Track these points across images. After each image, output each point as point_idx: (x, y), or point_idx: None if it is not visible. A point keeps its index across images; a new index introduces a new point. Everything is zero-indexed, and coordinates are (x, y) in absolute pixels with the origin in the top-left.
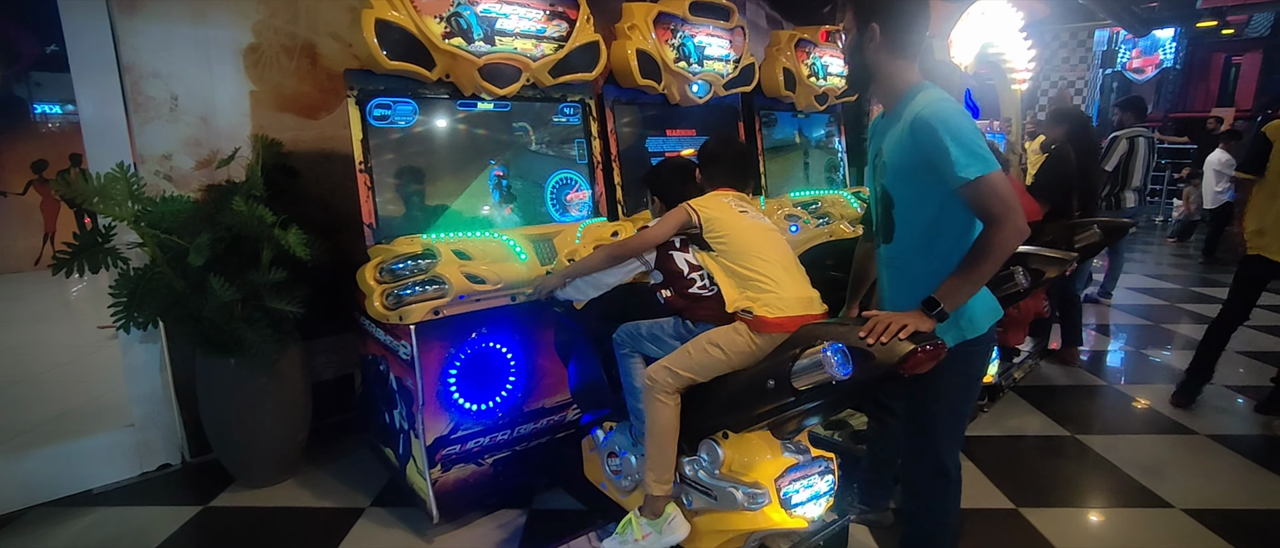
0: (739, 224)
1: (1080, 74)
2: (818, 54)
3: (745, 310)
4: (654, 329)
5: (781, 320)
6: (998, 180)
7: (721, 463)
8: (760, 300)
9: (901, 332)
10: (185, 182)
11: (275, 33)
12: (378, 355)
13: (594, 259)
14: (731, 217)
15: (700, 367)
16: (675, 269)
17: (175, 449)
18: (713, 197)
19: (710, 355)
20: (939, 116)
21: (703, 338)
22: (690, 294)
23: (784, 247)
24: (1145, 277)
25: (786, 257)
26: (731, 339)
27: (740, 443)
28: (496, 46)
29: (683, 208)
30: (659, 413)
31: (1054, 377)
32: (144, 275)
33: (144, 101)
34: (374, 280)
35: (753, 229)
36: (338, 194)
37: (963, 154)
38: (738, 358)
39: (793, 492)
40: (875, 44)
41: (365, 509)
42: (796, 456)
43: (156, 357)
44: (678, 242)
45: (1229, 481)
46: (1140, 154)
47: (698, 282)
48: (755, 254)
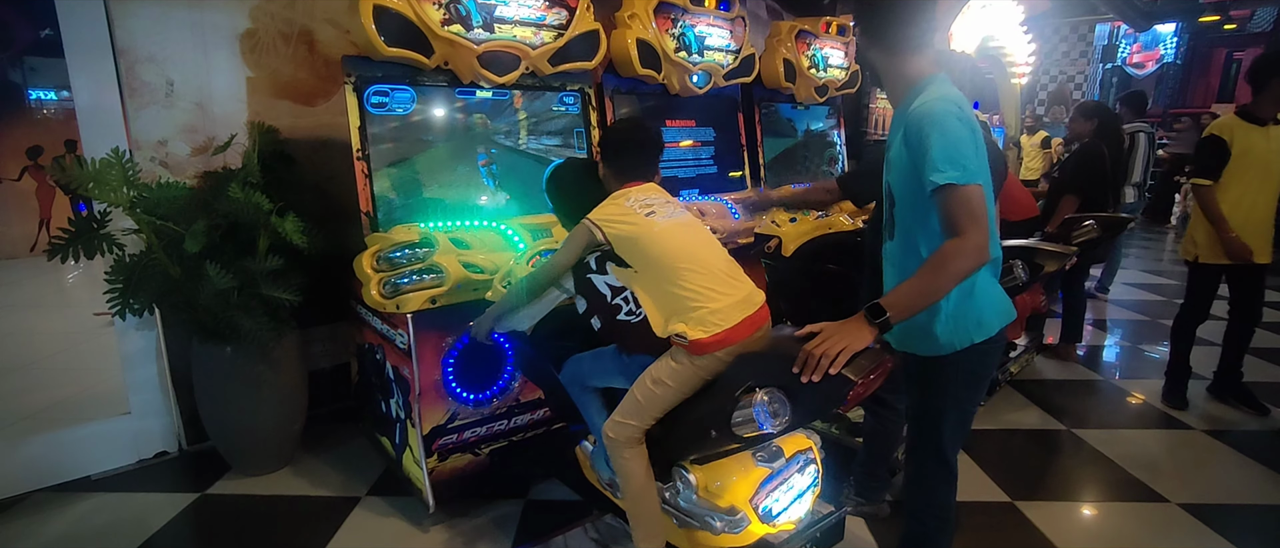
0: (650, 233)
1: (1080, 68)
2: (818, 46)
3: (679, 335)
4: (596, 362)
5: (718, 338)
6: (971, 194)
7: (695, 488)
8: (692, 320)
9: (838, 361)
10: (181, 168)
11: (272, 18)
12: (374, 344)
13: (513, 295)
14: (640, 226)
15: (650, 409)
16: (597, 295)
17: (172, 437)
18: (615, 202)
19: (656, 395)
20: (931, 115)
21: (645, 378)
22: (618, 322)
23: (707, 242)
24: (1143, 272)
25: (711, 254)
26: (673, 371)
27: (709, 467)
28: (495, 34)
29: (583, 226)
30: (628, 469)
31: (1050, 371)
32: (140, 262)
33: (139, 87)
34: (371, 269)
35: (667, 234)
36: (335, 182)
37: (942, 158)
38: (684, 387)
39: (772, 504)
40: (865, 43)
41: (361, 498)
42: (768, 465)
43: (152, 344)
44: (592, 263)
45: (1225, 476)
46: (1140, 150)
47: (623, 307)
48: (677, 264)
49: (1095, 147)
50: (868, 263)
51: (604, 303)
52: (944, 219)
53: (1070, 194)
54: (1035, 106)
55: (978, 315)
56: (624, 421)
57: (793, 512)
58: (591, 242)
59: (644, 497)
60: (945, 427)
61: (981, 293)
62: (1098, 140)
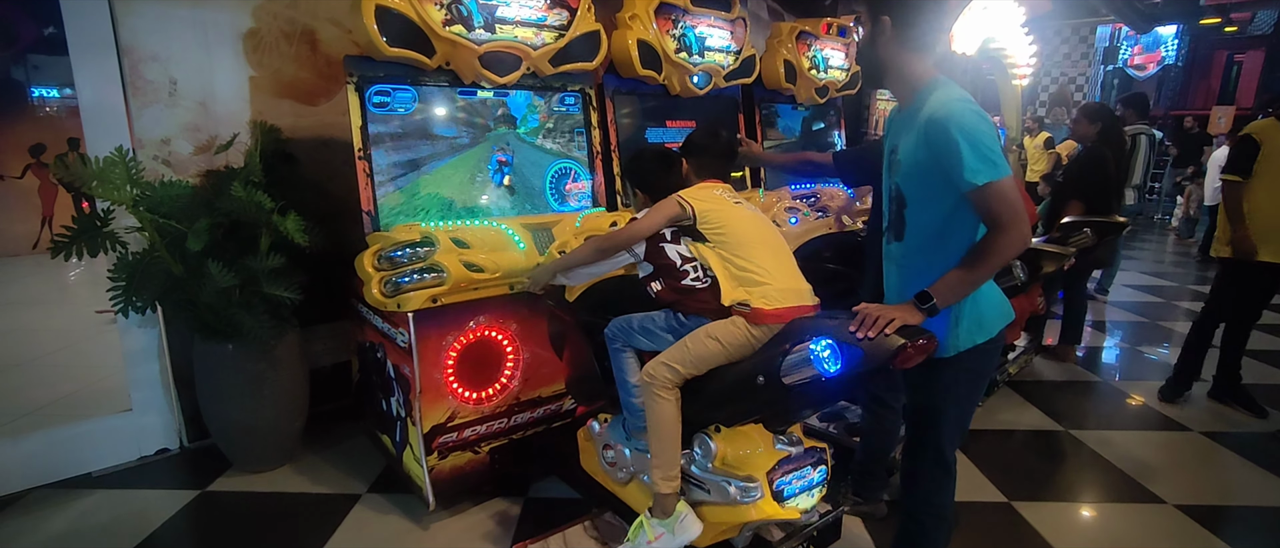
0: (734, 215)
1: (1081, 70)
2: (819, 47)
3: (742, 303)
4: (646, 322)
5: (778, 311)
6: (1007, 187)
7: (714, 457)
8: (757, 293)
9: (890, 326)
10: (184, 167)
11: (275, 18)
12: (375, 343)
13: (583, 252)
14: (726, 208)
15: (698, 360)
16: (667, 262)
17: (173, 434)
18: (704, 188)
19: (708, 349)
20: (954, 117)
21: (701, 332)
22: (683, 287)
23: (778, 238)
24: (1142, 274)
25: (780, 248)
26: (729, 332)
27: (733, 437)
28: (497, 35)
29: (674, 199)
30: (661, 410)
31: (1048, 372)
32: (142, 260)
33: (143, 85)
34: (372, 268)
35: (748, 220)
36: (336, 181)
37: (974, 157)
38: (735, 350)
39: (785, 484)
40: (886, 37)
41: (362, 495)
42: (789, 448)
43: (155, 342)
44: (668, 233)
45: (1222, 478)
46: (1141, 152)
47: (691, 274)
48: (751, 246)
49: (1099, 151)
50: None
51: (673, 269)
52: (986, 215)
53: (1075, 199)
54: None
55: (979, 316)
56: (670, 363)
57: (800, 501)
58: (678, 215)
59: (670, 439)
60: (944, 427)
61: (983, 294)
62: (1101, 144)
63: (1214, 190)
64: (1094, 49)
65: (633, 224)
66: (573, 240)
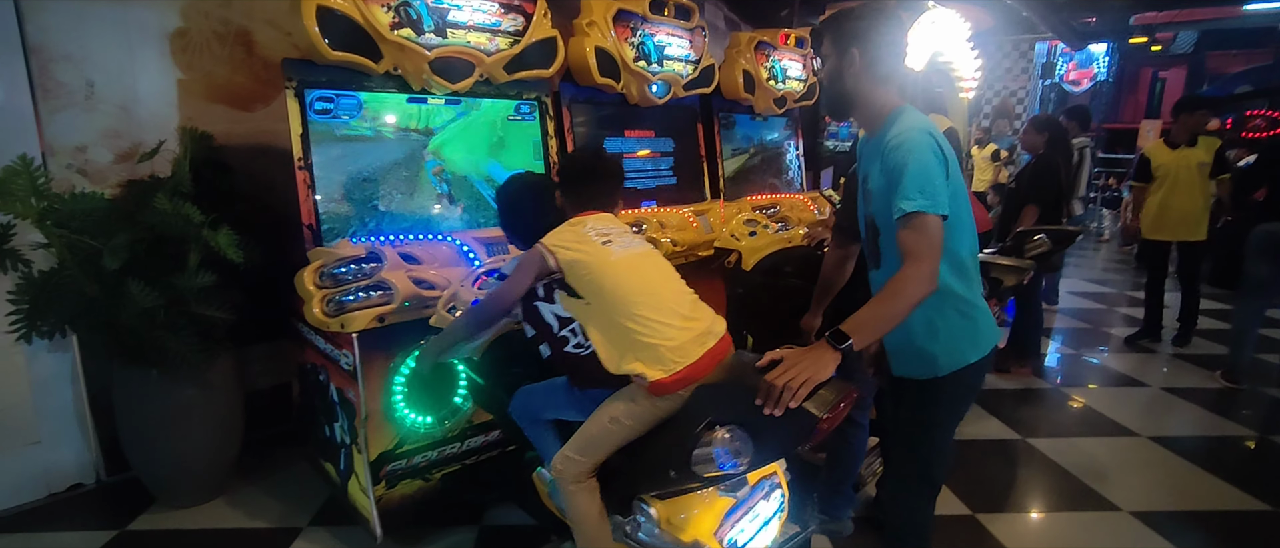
0: (604, 262)
1: (1022, 84)
2: (777, 57)
3: (637, 375)
4: (548, 393)
5: (679, 376)
6: (932, 225)
7: (657, 522)
8: (649, 358)
9: (801, 392)
10: (103, 176)
11: (206, 17)
12: (317, 365)
13: (459, 328)
14: (596, 255)
15: (604, 446)
16: (544, 326)
17: (88, 468)
18: (570, 228)
19: (611, 433)
20: (908, 144)
21: (601, 413)
22: (567, 354)
23: (664, 274)
24: (1084, 281)
25: (668, 288)
26: (629, 410)
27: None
28: (448, 39)
29: (536, 251)
30: (577, 504)
31: (1004, 380)
32: (50, 280)
33: (54, 88)
34: (313, 285)
35: (622, 265)
36: (275, 192)
37: (913, 185)
38: (641, 425)
39: (737, 535)
40: (855, 70)
41: (302, 529)
42: (732, 495)
43: (67, 368)
44: (540, 289)
45: (1170, 482)
46: (1086, 164)
47: (571, 339)
48: (632, 297)
49: (1050, 158)
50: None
51: (551, 333)
52: (903, 244)
53: (1030, 204)
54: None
55: (973, 335)
56: (574, 456)
57: (759, 542)
58: (543, 268)
59: (596, 535)
60: (934, 444)
61: (975, 314)
62: (1051, 152)
63: None
64: (1033, 64)
65: (499, 288)
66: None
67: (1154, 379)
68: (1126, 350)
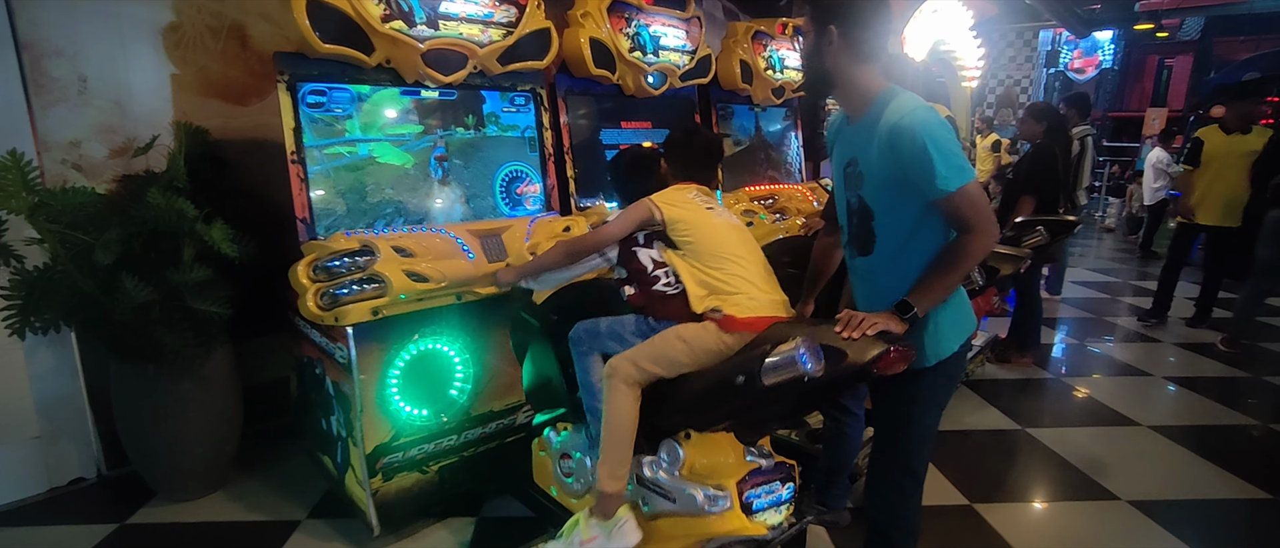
0: (706, 222)
1: (1026, 73)
2: (775, 47)
3: (714, 310)
4: (615, 326)
5: (752, 320)
6: (976, 191)
7: (682, 464)
8: (729, 300)
9: (872, 330)
10: (98, 171)
11: (199, 11)
12: (314, 358)
13: (553, 255)
14: (697, 214)
15: (665, 360)
16: (639, 266)
17: (90, 462)
18: (676, 191)
19: (674, 349)
20: (921, 125)
21: (670, 331)
22: (654, 291)
23: (753, 245)
24: (1089, 271)
25: (756, 256)
26: (700, 337)
27: (703, 444)
28: (441, 31)
29: (644, 203)
30: (619, 402)
31: (1004, 371)
32: (44, 275)
33: (47, 83)
34: (307, 279)
35: (721, 227)
36: (272, 186)
37: (945, 164)
38: (704, 356)
39: (754, 496)
40: (835, 47)
41: (301, 522)
42: (760, 460)
43: (67, 362)
44: (641, 237)
45: (1169, 471)
46: (1089, 153)
47: (662, 279)
48: (723, 254)
49: (1048, 147)
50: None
51: (645, 274)
52: (957, 219)
53: (1027, 195)
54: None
55: (956, 325)
56: (634, 359)
57: (769, 516)
58: (648, 219)
59: (624, 435)
60: (915, 436)
61: (957, 302)
62: (1049, 141)
63: (1153, 190)
64: (1037, 53)
65: (604, 227)
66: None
67: (1156, 369)
68: (1129, 340)
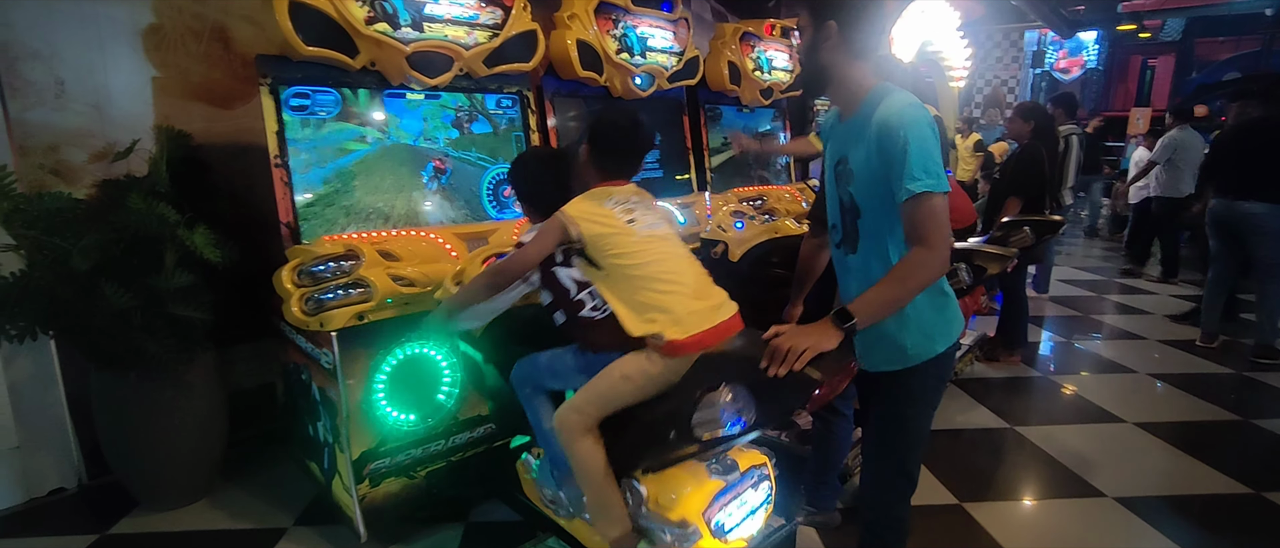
0: (628, 238)
1: (1012, 73)
2: (762, 48)
3: (654, 336)
4: (554, 362)
5: (693, 339)
6: (941, 204)
7: (645, 501)
8: (665, 321)
9: (804, 358)
10: (77, 176)
11: (180, 13)
12: (299, 364)
13: (473, 289)
14: (616, 228)
15: (609, 401)
16: (561, 289)
17: (70, 471)
18: (591, 202)
19: (619, 389)
20: (907, 123)
21: (612, 370)
22: (581, 319)
23: (680, 250)
24: (1075, 269)
25: (685, 261)
26: (642, 368)
27: (660, 478)
28: (426, 33)
29: (557, 219)
30: (581, 454)
31: (993, 369)
32: (19, 281)
33: (22, 86)
34: (292, 284)
35: (644, 241)
36: (256, 190)
37: (918, 165)
38: (650, 386)
39: (725, 518)
40: (832, 43)
41: (287, 529)
42: (723, 478)
43: (46, 370)
44: (560, 256)
45: (1154, 467)
46: (1074, 152)
47: (588, 303)
48: (651, 272)
49: (1034, 148)
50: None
51: (567, 298)
52: (914, 227)
53: (1013, 196)
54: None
55: (942, 325)
56: (579, 408)
57: (745, 528)
58: (563, 237)
59: (603, 484)
60: (909, 435)
61: (944, 302)
62: (1036, 141)
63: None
64: (1023, 53)
65: (520, 251)
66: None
67: (1142, 366)
68: (1115, 338)
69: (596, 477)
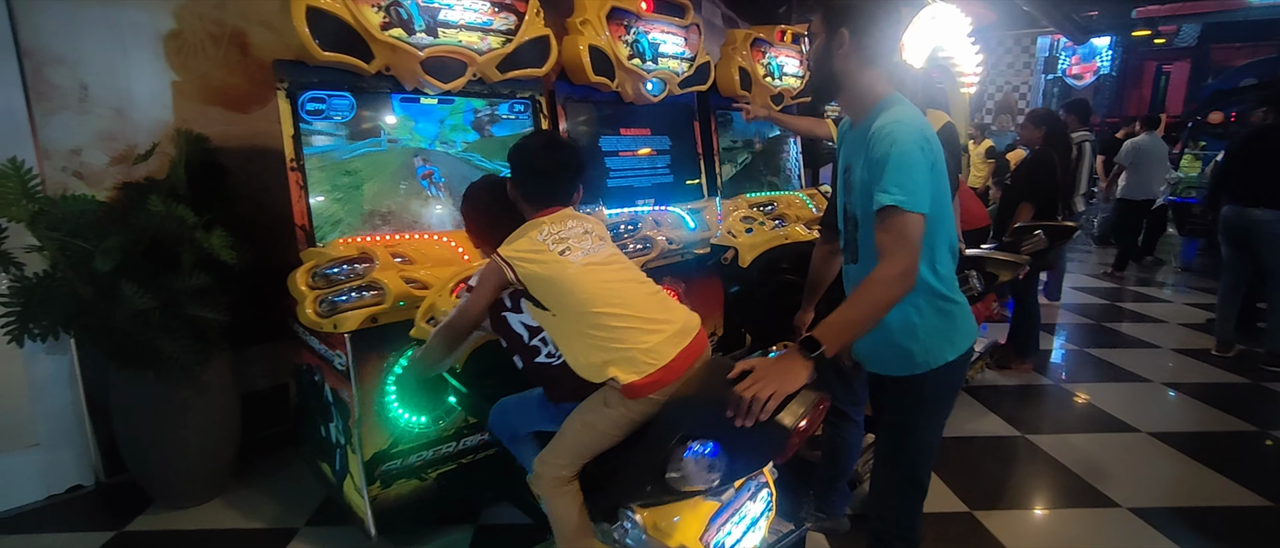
0: (564, 274)
1: (1024, 79)
2: (773, 54)
3: (611, 380)
4: (523, 406)
5: (653, 379)
6: (910, 222)
7: (644, 527)
8: (621, 361)
9: (771, 404)
10: (99, 179)
11: (200, 19)
12: (312, 365)
13: (433, 349)
14: (552, 267)
15: (581, 450)
16: (515, 336)
17: (88, 469)
18: (526, 235)
19: (585, 437)
20: (893, 136)
21: (575, 417)
22: (537, 365)
23: (629, 278)
24: (1087, 277)
25: (630, 285)
26: (604, 414)
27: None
28: (440, 39)
29: (493, 263)
30: (558, 508)
31: (1004, 377)
32: (43, 282)
33: (48, 90)
34: (306, 286)
35: (583, 276)
36: (271, 193)
37: (892, 179)
38: (616, 429)
39: (723, 538)
40: (844, 51)
41: (299, 529)
42: (717, 498)
43: (66, 369)
44: (506, 300)
45: (1170, 478)
46: (1086, 159)
47: (542, 349)
48: (596, 309)
49: (1046, 154)
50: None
51: (521, 344)
52: (879, 242)
53: (1025, 201)
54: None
55: (951, 333)
56: (553, 460)
57: (746, 543)
58: (503, 279)
59: (577, 535)
60: (918, 444)
61: (954, 310)
62: (1048, 148)
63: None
64: (1035, 59)
65: (464, 303)
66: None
67: (1155, 375)
68: (1128, 346)
69: (569, 532)
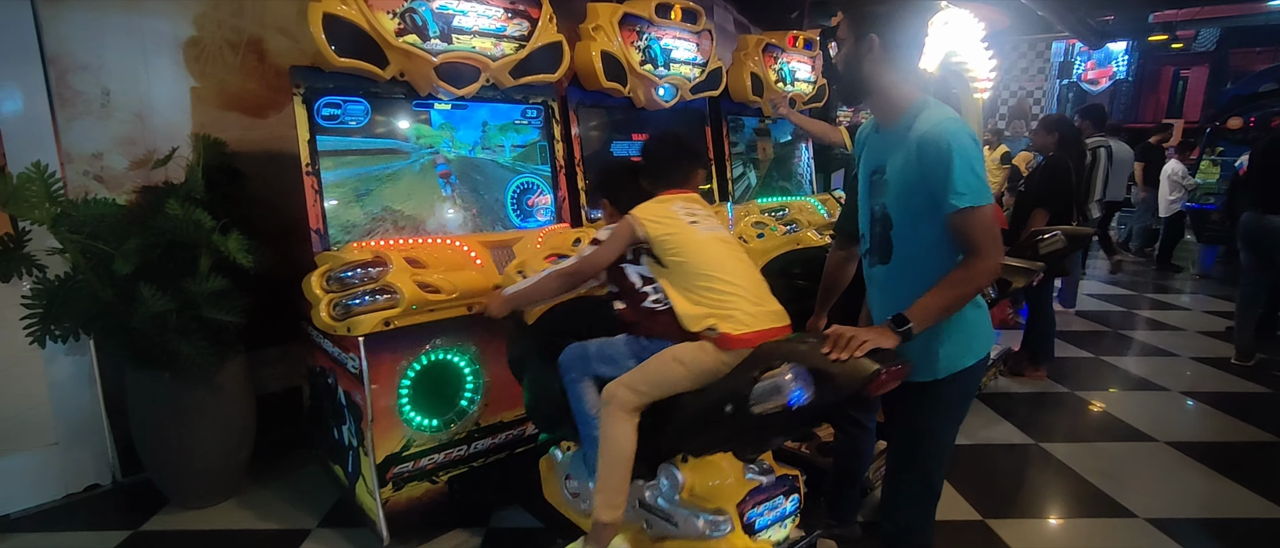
0: (691, 238)
1: (1038, 84)
2: (785, 59)
3: (710, 329)
4: (605, 349)
5: (747, 336)
6: (989, 214)
7: (681, 488)
8: (723, 316)
9: (862, 348)
10: (119, 183)
11: (218, 26)
12: (326, 368)
13: (548, 286)
14: (680, 230)
15: (661, 384)
16: (628, 284)
17: (105, 469)
18: (659, 204)
19: (671, 373)
20: (950, 137)
21: (666, 353)
22: (644, 308)
23: (741, 256)
24: (1103, 284)
25: (745, 267)
26: (696, 357)
27: (700, 467)
28: (454, 45)
29: (627, 222)
30: (616, 431)
31: (1018, 384)
32: (65, 284)
33: (71, 96)
34: (320, 289)
35: (707, 242)
36: (287, 197)
37: (964, 181)
38: (701, 376)
39: (756, 515)
40: (874, 56)
41: (311, 531)
42: (760, 477)
43: (85, 370)
44: (630, 254)
45: (1187, 488)
46: (1101, 164)
47: (651, 295)
48: (712, 270)
49: (1060, 160)
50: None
51: (634, 290)
52: (966, 239)
53: (1040, 208)
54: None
55: (969, 339)
56: (631, 385)
57: (773, 532)
58: (633, 237)
59: (620, 465)
60: (932, 449)
61: (973, 316)
62: (1062, 153)
63: (1169, 203)
64: (1050, 64)
65: (595, 252)
66: (532, 260)
67: (1173, 383)
68: (1144, 354)
69: (619, 454)
